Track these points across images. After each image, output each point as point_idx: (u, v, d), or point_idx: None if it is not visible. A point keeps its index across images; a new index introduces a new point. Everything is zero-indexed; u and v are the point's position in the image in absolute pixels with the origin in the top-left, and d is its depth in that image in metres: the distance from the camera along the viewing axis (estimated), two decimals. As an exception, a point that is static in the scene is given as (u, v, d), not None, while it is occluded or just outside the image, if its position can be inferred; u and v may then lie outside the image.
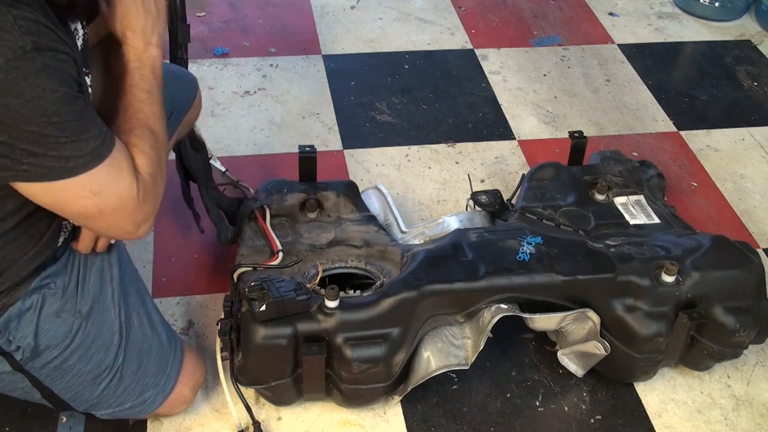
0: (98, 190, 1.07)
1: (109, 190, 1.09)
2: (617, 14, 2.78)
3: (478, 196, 1.69)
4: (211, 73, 2.33)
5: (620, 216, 1.67)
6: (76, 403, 1.29)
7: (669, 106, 2.37)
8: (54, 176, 1.02)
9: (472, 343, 1.45)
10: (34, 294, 1.19)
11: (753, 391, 1.60)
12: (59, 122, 0.99)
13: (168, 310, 1.65)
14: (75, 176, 1.04)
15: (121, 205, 1.11)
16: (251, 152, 2.07)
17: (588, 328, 1.48)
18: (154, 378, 1.33)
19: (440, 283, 1.41)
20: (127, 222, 1.14)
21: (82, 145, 1.02)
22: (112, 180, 1.08)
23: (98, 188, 1.07)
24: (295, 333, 1.34)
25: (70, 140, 1.01)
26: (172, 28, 1.52)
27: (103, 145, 1.06)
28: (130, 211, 1.13)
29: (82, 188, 1.06)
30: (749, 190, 2.10)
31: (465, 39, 2.58)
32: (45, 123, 0.97)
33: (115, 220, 1.13)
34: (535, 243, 1.50)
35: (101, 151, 1.06)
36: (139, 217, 1.15)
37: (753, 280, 1.50)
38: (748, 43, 2.68)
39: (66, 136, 1.00)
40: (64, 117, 0.99)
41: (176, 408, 1.41)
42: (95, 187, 1.07)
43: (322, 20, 2.62)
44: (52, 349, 1.20)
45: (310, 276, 1.45)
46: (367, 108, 2.26)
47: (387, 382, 1.41)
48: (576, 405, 1.54)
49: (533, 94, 2.37)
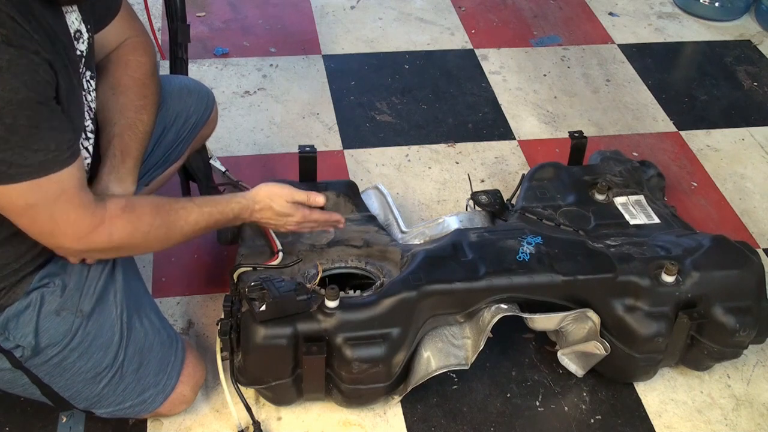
0: (34, 203, 1.05)
1: (45, 207, 1.06)
2: (617, 14, 2.78)
3: (478, 196, 1.69)
4: (211, 73, 2.33)
5: (620, 216, 1.67)
6: (77, 401, 1.29)
7: (669, 106, 2.37)
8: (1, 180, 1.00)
9: (472, 343, 1.45)
10: (33, 293, 1.19)
11: (753, 391, 1.60)
12: (10, 124, 0.95)
13: (168, 310, 1.65)
14: (12, 184, 1.00)
15: (56, 227, 1.10)
16: (251, 152, 2.07)
17: (588, 328, 1.48)
18: (154, 378, 1.33)
19: (440, 283, 1.41)
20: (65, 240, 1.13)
21: (28, 153, 0.99)
22: (51, 199, 1.06)
23: (34, 201, 1.05)
24: (295, 333, 1.34)
25: (17, 146, 0.97)
26: (172, 28, 1.52)
27: (55, 161, 1.02)
28: (69, 234, 1.11)
29: (17, 196, 1.03)
30: (749, 190, 2.10)
31: (465, 39, 2.58)
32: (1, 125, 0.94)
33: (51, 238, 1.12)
34: (535, 243, 1.50)
35: (49, 166, 1.02)
36: (81, 245, 1.14)
37: (753, 280, 1.50)
38: (748, 43, 2.68)
39: (14, 140, 0.97)
40: (17, 121, 0.95)
41: (177, 408, 1.41)
42: (31, 200, 1.04)
43: (322, 20, 2.62)
44: (52, 347, 1.21)
45: (310, 276, 1.45)
46: (367, 108, 2.26)
47: (387, 382, 1.41)
48: (576, 405, 1.54)
49: (533, 94, 2.37)
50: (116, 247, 1.18)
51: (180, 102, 1.48)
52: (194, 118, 1.52)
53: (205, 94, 1.57)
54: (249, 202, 1.34)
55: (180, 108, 1.48)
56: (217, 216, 1.30)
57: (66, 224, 1.10)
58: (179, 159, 1.54)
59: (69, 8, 1.08)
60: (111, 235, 1.16)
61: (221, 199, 1.33)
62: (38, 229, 1.10)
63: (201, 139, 1.60)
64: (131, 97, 1.32)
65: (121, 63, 1.33)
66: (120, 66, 1.33)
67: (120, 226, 1.16)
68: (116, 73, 1.32)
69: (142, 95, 1.33)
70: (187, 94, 1.51)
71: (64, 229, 1.11)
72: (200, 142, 1.61)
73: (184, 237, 1.27)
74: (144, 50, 1.36)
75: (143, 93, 1.34)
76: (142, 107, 1.33)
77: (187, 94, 1.51)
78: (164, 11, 1.54)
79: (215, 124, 1.63)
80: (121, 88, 1.31)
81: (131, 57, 1.34)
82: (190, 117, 1.51)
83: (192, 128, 1.52)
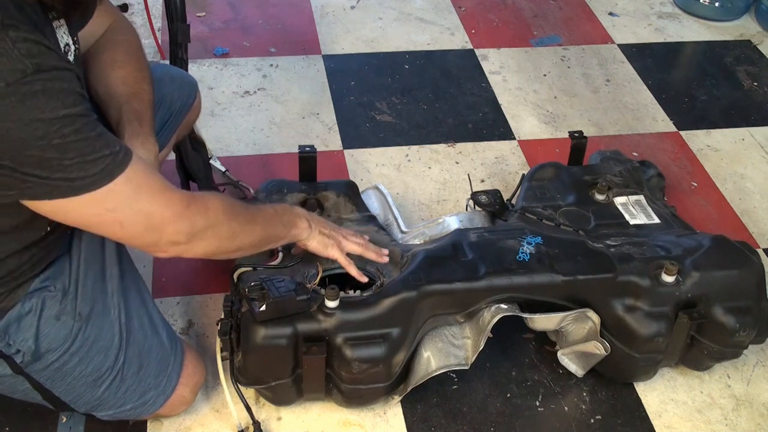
0: (114, 207, 1.05)
1: (127, 207, 1.06)
2: (617, 14, 2.78)
3: (478, 196, 1.69)
4: (211, 73, 2.33)
5: (620, 216, 1.67)
6: (78, 404, 1.29)
7: (669, 106, 2.37)
8: (60, 194, 1.00)
9: (472, 343, 1.45)
10: (33, 297, 1.18)
11: (753, 391, 1.60)
12: (61, 144, 0.96)
13: (168, 310, 1.65)
14: (83, 194, 1.01)
15: (152, 218, 1.09)
16: (251, 152, 2.07)
17: (588, 328, 1.48)
18: (155, 379, 1.33)
19: (440, 283, 1.41)
20: (169, 225, 1.12)
21: (88, 166, 0.99)
22: (129, 197, 1.06)
23: (113, 205, 1.05)
24: (295, 333, 1.34)
25: (75, 162, 0.98)
26: (172, 28, 1.52)
27: (115, 164, 1.03)
28: (168, 216, 1.11)
29: (95, 205, 1.03)
30: (749, 190, 2.10)
31: (465, 39, 2.58)
32: (45, 146, 0.95)
33: (140, 234, 1.11)
34: (535, 243, 1.50)
35: (111, 170, 1.02)
36: (185, 223, 1.13)
37: (753, 280, 1.50)
38: (748, 43, 2.68)
39: (70, 158, 0.97)
40: (67, 138, 0.96)
41: (176, 409, 1.41)
42: (110, 205, 1.05)
43: (322, 20, 2.62)
44: (52, 352, 1.20)
45: (310, 276, 1.45)
46: (367, 108, 2.26)
47: (387, 382, 1.41)
48: (576, 405, 1.54)
49: (533, 94, 2.37)
50: (212, 222, 1.17)
51: (163, 88, 1.48)
52: (178, 104, 1.53)
53: (188, 81, 1.58)
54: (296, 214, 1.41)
55: (163, 94, 1.48)
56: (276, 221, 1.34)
57: (161, 209, 1.10)
58: (166, 146, 1.54)
59: (58, 22, 1.07)
60: (206, 203, 1.16)
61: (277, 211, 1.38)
62: (136, 229, 1.10)
63: (187, 124, 1.60)
64: (129, 70, 1.33)
65: (112, 43, 1.35)
66: (111, 46, 1.35)
67: (209, 196, 1.19)
68: (109, 52, 1.34)
69: (138, 68, 1.35)
70: (170, 80, 1.52)
71: (162, 215, 1.10)
72: (186, 128, 1.61)
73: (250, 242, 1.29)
74: (128, 29, 1.39)
75: (139, 66, 1.36)
76: (142, 78, 1.35)
77: (170, 80, 1.52)
78: (164, 11, 1.54)
79: (199, 110, 1.64)
80: (118, 63, 1.33)
81: (120, 37, 1.36)
82: (174, 103, 1.52)
83: (176, 114, 1.53)
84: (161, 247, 1.14)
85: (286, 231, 1.36)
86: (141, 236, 1.12)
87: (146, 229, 1.10)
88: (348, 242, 1.44)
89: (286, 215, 1.37)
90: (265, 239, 1.32)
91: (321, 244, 1.40)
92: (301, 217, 1.39)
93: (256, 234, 1.28)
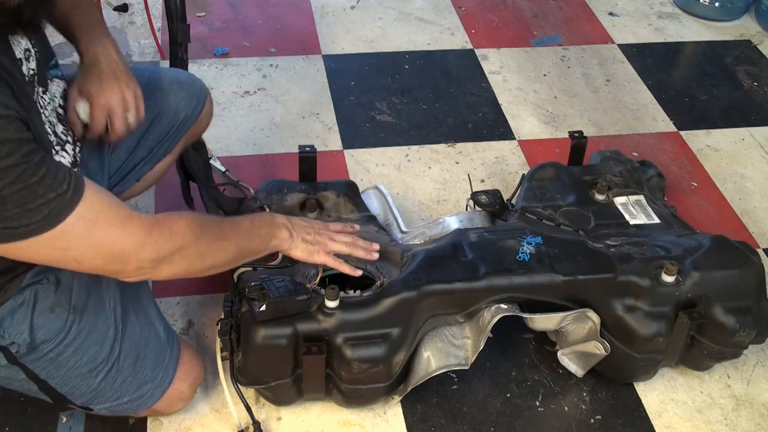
0: (66, 246, 1.01)
1: (80, 244, 1.03)
2: (617, 14, 2.78)
3: (478, 196, 1.69)
4: (211, 73, 2.33)
5: (620, 216, 1.67)
6: (74, 396, 1.28)
7: (669, 106, 2.37)
8: (3, 240, 0.96)
9: (472, 343, 1.45)
10: (26, 290, 1.19)
11: (753, 391, 1.60)
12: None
13: (168, 310, 1.65)
14: (28, 239, 0.97)
15: (114, 248, 1.06)
16: (251, 152, 2.07)
17: (588, 328, 1.48)
18: (151, 372, 1.32)
19: (440, 283, 1.41)
20: (132, 254, 1.08)
21: (30, 214, 0.95)
22: (82, 236, 1.02)
23: (65, 245, 1.01)
24: (295, 333, 1.34)
25: (16, 212, 0.94)
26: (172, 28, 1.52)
27: (62, 205, 0.97)
28: (130, 244, 1.07)
29: (44, 247, 0.99)
30: (749, 190, 2.10)
31: (465, 39, 2.58)
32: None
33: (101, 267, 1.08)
34: (535, 243, 1.50)
35: (58, 213, 0.98)
36: (150, 250, 1.09)
37: (753, 280, 1.50)
38: (748, 43, 2.68)
39: (9, 209, 0.93)
40: (2, 192, 0.91)
41: (175, 405, 1.40)
42: (62, 244, 1.01)
43: (322, 20, 2.62)
44: (47, 343, 1.20)
45: (310, 276, 1.45)
46: (367, 108, 2.26)
47: (387, 382, 1.41)
48: (576, 405, 1.54)
49: (533, 94, 2.37)
50: (179, 245, 1.13)
51: (169, 96, 1.45)
52: (184, 114, 1.49)
53: (198, 89, 1.52)
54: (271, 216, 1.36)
55: (169, 102, 1.45)
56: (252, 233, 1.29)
57: (120, 241, 1.06)
58: (168, 155, 1.52)
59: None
60: (170, 226, 1.12)
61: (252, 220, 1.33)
62: (95, 263, 1.06)
63: (194, 134, 1.56)
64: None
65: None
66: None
67: (175, 216, 1.14)
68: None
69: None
70: (177, 88, 1.48)
71: (122, 247, 1.06)
72: (194, 138, 1.57)
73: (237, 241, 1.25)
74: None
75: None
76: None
77: (177, 88, 1.48)
78: (164, 11, 1.54)
79: (209, 119, 1.58)
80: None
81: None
82: (180, 112, 1.48)
83: (181, 124, 1.49)
84: (127, 275, 1.11)
85: (264, 243, 1.30)
86: (103, 268, 1.09)
87: (107, 262, 1.07)
88: (334, 244, 1.40)
89: (264, 227, 1.31)
90: (240, 255, 1.27)
91: (305, 252, 1.36)
92: (280, 227, 1.33)
93: (228, 251, 1.23)
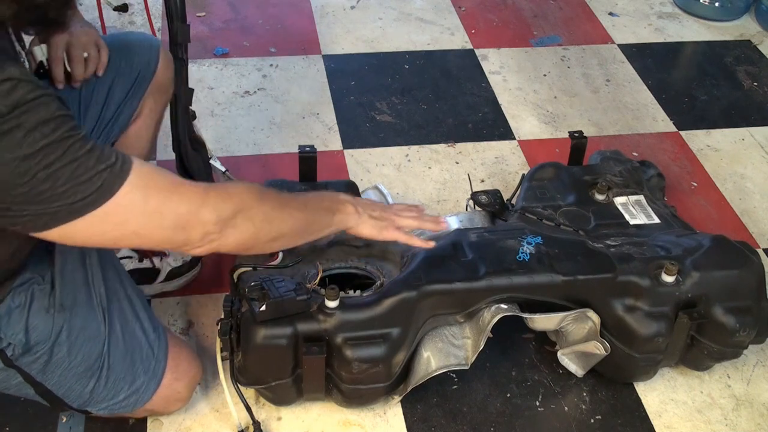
0: (123, 220, 1.00)
1: (138, 216, 1.01)
2: (617, 14, 2.78)
3: (478, 196, 1.69)
4: (211, 73, 2.33)
5: (620, 216, 1.67)
6: (70, 398, 1.28)
7: (669, 106, 2.37)
8: (61, 220, 0.96)
9: (472, 343, 1.45)
10: (21, 291, 1.18)
11: (753, 391, 1.60)
12: (49, 174, 0.91)
13: (168, 310, 1.65)
14: (85, 214, 0.96)
15: (164, 224, 1.04)
16: (251, 152, 2.07)
17: (588, 328, 1.48)
18: (143, 363, 1.31)
19: (440, 283, 1.41)
20: (194, 220, 1.06)
21: (83, 187, 0.95)
22: (138, 206, 1.00)
23: (122, 218, 1.00)
24: (295, 333, 1.34)
25: (69, 187, 0.94)
26: (172, 28, 1.52)
27: (113, 176, 0.97)
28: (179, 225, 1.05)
29: (101, 223, 0.99)
30: (749, 190, 2.10)
31: (465, 39, 2.58)
32: (31, 181, 0.90)
33: (165, 238, 1.06)
34: (535, 243, 1.50)
35: (111, 184, 0.97)
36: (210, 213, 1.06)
37: (753, 280, 1.50)
38: (748, 43, 2.68)
39: (62, 184, 0.93)
40: (53, 167, 0.92)
41: (172, 405, 1.40)
42: (118, 218, 1.00)
43: (322, 20, 2.62)
44: (41, 344, 1.20)
45: (310, 276, 1.45)
46: (367, 108, 2.26)
47: (387, 382, 1.41)
48: (576, 405, 1.54)
49: (533, 94, 2.37)
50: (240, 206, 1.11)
51: (120, 57, 1.46)
52: (137, 70, 1.48)
53: (147, 46, 1.52)
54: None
55: (122, 63, 1.46)
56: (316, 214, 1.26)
57: (176, 207, 1.04)
58: (139, 118, 1.52)
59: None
60: (226, 189, 1.10)
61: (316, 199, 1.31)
62: (157, 235, 1.05)
63: (159, 88, 1.54)
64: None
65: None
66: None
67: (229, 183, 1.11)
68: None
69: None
70: (126, 48, 1.48)
71: (180, 212, 1.04)
72: (161, 92, 1.55)
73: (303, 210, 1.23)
74: None
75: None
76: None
77: (126, 48, 1.48)
78: (164, 11, 1.54)
79: (168, 71, 1.54)
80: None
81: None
82: (134, 70, 1.47)
83: (139, 82, 1.48)
84: (194, 244, 1.08)
85: (329, 217, 1.27)
86: (167, 240, 1.07)
87: (170, 231, 1.05)
88: (402, 219, 1.38)
89: (326, 200, 1.29)
90: (307, 226, 1.24)
91: (375, 228, 1.33)
92: (344, 202, 1.30)
93: (295, 219, 1.20)
